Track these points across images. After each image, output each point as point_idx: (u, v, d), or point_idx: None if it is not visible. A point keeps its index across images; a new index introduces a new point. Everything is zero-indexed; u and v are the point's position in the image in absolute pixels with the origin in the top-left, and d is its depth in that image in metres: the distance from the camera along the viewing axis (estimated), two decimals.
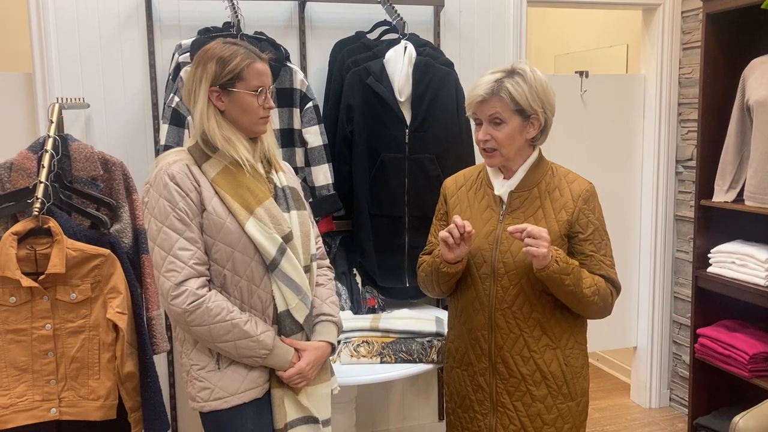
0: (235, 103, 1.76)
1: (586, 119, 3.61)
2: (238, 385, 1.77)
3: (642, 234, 3.77)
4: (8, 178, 2.32)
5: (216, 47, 1.77)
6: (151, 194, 1.73)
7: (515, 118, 1.82)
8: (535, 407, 1.89)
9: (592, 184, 1.93)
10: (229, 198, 1.74)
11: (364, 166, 2.76)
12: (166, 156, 1.79)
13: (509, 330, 1.87)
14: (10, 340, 2.12)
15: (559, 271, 1.75)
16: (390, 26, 2.95)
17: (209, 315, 1.69)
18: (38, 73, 2.73)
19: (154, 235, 1.72)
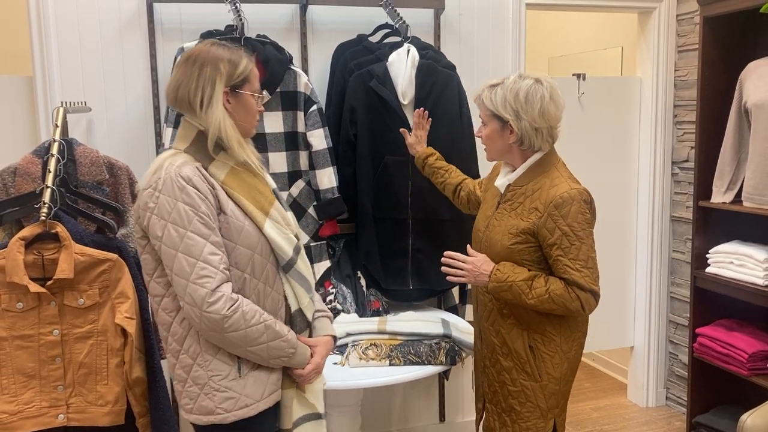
0: (242, 105, 1.76)
1: (584, 121, 3.64)
2: (263, 390, 1.76)
3: (639, 234, 3.81)
4: (12, 182, 2.30)
5: (218, 49, 1.74)
6: (163, 199, 1.64)
7: (493, 122, 2.07)
8: (503, 376, 2.11)
9: (576, 190, 1.98)
10: (244, 200, 1.72)
11: (368, 169, 2.76)
12: (167, 158, 1.71)
13: (485, 303, 2.14)
14: (17, 346, 2.11)
15: (495, 289, 2.00)
16: (392, 29, 2.95)
17: (245, 319, 1.65)
18: (39, 76, 2.71)
19: (176, 242, 1.63)
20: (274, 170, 2.67)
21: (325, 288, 2.75)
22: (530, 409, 2.06)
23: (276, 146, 2.66)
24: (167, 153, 1.74)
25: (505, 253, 2.03)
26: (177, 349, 1.73)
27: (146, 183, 1.70)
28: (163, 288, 1.72)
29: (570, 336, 2.08)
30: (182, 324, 1.71)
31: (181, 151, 1.73)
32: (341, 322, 2.56)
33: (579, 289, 1.96)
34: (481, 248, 2.12)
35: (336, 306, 2.67)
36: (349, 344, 2.42)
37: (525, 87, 2.00)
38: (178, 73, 1.73)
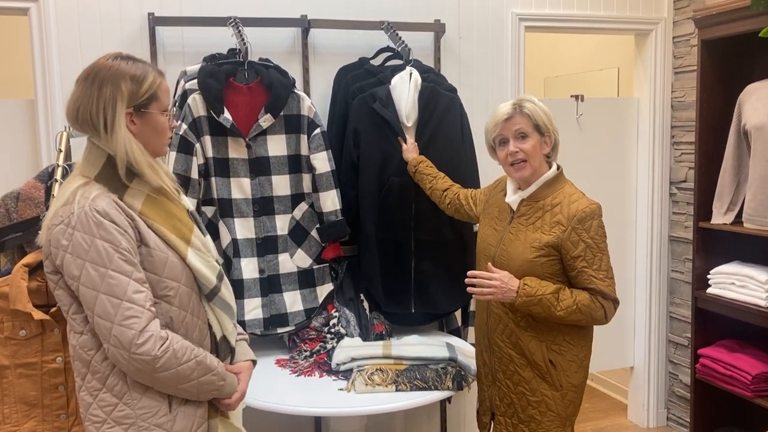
0: (149, 126, 1.62)
1: (582, 142, 3.66)
2: (191, 424, 1.67)
3: (637, 254, 3.82)
4: (15, 208, 2.28)
5: (120, 64, 1.59)
6: (78, 236, 1.50)
7: (535, 134, 2.14)
8: (522, 387, 2.14)
9: (595, 205, 2.12)
10: (165, 230, 1.61)
11: (371, 191, 2.76)
12: (78, 189, 1.55)
13: (500, 316, 2.17)
14: (19, 374, 2.07)
15: (525, 304, 2.03)
16: (393, 52, 2.97)
17: (176, 357, 1.54)
18: (40, 99, 2.70)
19: (97, 283, 1.49)
20: (277, 193, 2.66)
21: (328, 311, 2.73)
22: (551, 418, 2.11)
23: (279, 169, 2.66)
24: (77, 182, 1.58)
25: (526, 267, 2.08)
26: (97, 387, 1.59)
27: (55, 216, 1.55)
28: (80, 325, 1.59)
29: (585, 345, 2.17)
30: (104, 363, 1.58)
31: (92, 180, 1.58)
32: (345, 347, 2.54)
33: (603, 298, 2.07)
34: (496, 263, 2.15)
35: (339, 330, 2.65)
36: (354, 369, 2.40)
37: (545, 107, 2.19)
38: (77, 91, 1.58)
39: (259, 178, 2.63)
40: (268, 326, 2.64)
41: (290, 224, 2.70)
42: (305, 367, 2.52)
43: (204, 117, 2.56)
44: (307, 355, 2.59)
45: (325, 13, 2.99)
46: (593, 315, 2.05)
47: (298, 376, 2.48)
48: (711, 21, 3.00)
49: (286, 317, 2.67)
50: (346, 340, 2.61)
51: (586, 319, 2.06)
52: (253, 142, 2.61)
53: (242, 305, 2.60)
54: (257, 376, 2.44)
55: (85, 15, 2.74)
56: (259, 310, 2.63)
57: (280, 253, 2.69)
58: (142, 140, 1.61)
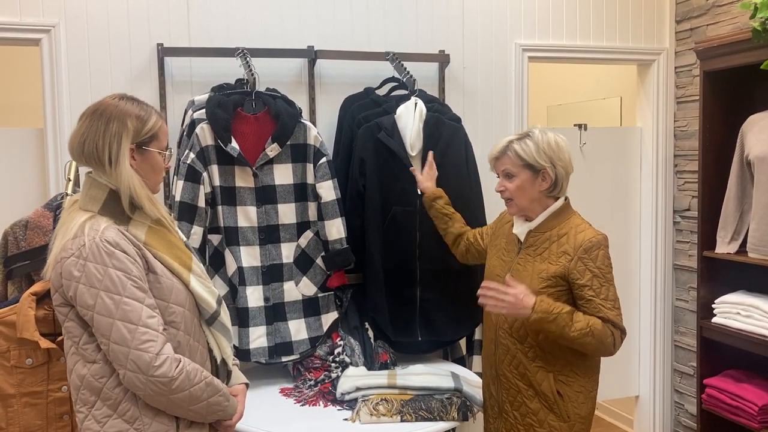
0: (147, 163, 1.72)
1: (586, 171, 3.68)
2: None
3: (642, 283, 3.82)
4: (23, 236, 2.30)
5: (126, 104, 1.70)
6: (91, 267, 1.57)
7: (525, 172, 2.15)
8: (530, 418, 2.14)
9: (601, 235, 2.14)
10: (168, 258, 1.69)
11: (376, 220, 2.78)
12: (86, 222, 1.63)
13: (508, 347, 2.17)
14: (25, 403, 2.08)
15: (540, 320, 2.02)
16: (399, 82, 3.00)
17: (189, 379, 1.62)
18: (50, 128, 2.73)
19: (112, 310, 1.56)
20: (283, 221, 2.68)
21: (332, 340, 2.73)
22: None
23: (285, 198, 2.68)
24: (82, 216, 1.65)
25: None
26: (107, 414, 1.64)
27: (64, 249, 1.61)
28: (91, 354, 1.63)
29: (592, 376, 2.17)
30: (116, 390, 1.63)
31: (96, 214, 1.65)
32: (350, 376, 2.54)
33: (613, 326, 2.06)
34: None
35: (344, 359, 2.65)
36: (359, 399, 2.39)
37: (554, 137, 2.18)
38: (83, 126, 1.67)
39: (265, 207, 2.65)
40: (272, 355, 2.64)
41: (296, 252, 2.71)
42: (310, 396, 2.52)
43: (212, 146, 2.58)
44: (312, 384, 2.59)
45: (332, 44, 3.03)
46: (604, 341, 2.04)
47: (303, 405, 2.47)
48: (713, 53, 3.04)
49: (290, 346, 2.67)
50: (351, 369, 2.60)
51: (596, 345, 2.04)
52: (260, 171, 2.63)
53: (247, 333, 2.61)
54: (262, 405, 2.45)
55: (95, 46, 2.78)
56: (264, 338, 2.63)
57: (286, 281, 2.70)
58: (140, 176, 1.72)
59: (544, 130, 2.21)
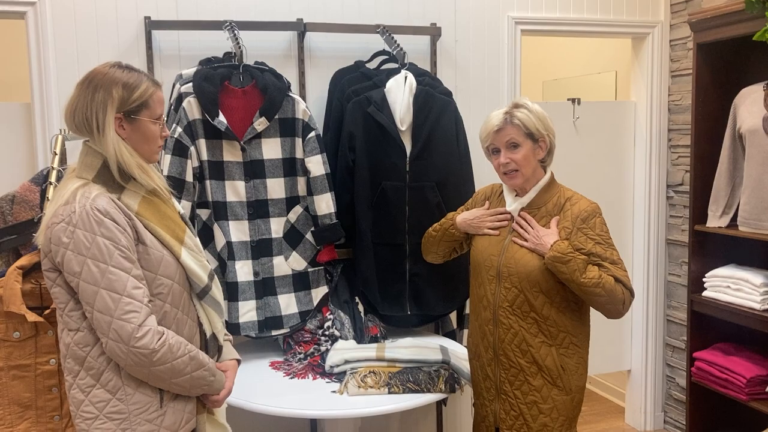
0: (139, 132, 1.69)
1: (579, 145, 3.66)
2: (180, 420, 1.73)
3: (635, 258, 3.82)
4: (10, 210, 2.30)
5: (116, 72, 1.67)
6: (79, 234, 1.56)
7: (528, 142, 2.13)
8: (533, 396, 2.12)
9: (594, 204, 2.16)
10: (160, 230, 1.68)
11: (365, 195, 2.77)
12: (78, 189, 1.62)
13: (509, 325, 2.13)
14: (13, 376, 2.09)
15: (554, 259, 2.02)
16: (389, 56, 2.98)
17: (171, 352, 1.61)
18: (37, 103, 2.71)
19: (97, 279, 1.56)
20: (271, 196, 2.68)
21: (322, 314, 2.74)
22: (562, 422, 2.12)
23: (274, 172, 2.67)
24: (75, 183, 1.64)
25: (537, 273, 2.07)
26: (90, 384, 1.64)
27: (55, 215, 1.60)
28: (76, 322, 1.64)
29: (587, 346, 2.19)
30: (99, 359, 1.63)
31: (90, 182, 1.65)
32: (339, 349, 2.55)
33: (624, 286, 2.06)
34: (501, 273, 2.13)
35: (334, 332, 2.66)
36: (347, 372, 2.41)
37: (540, 108, 2.17)
38: (75, 95, 1.67)
39: (253, 181, 2.65)
40: (262, 329, 2.65)
41: (285, 227, 2.71)
42: (299, 369, 2.53)
43: (199, 120, 2.57)
44: (301, 357, 2.60)
45: (321, 16, 3.01)
46: (614, 297, 2.03)
47: (292, 378, 2.49)
48: (706, 24, 3.01)
49: (280, 320, 2.68)
50: (340, 342, 2.62)
51: (606, 300, 2.03)
52: (248, 146, 2.62)
53: (237, 308, 2.61)
54: (252, 379, 2.46)
55: (82, 18, 2.75)
56: (254, 312, 2.64)
57: (275, 256, 2.70)
58: (132, 145, 1.69)
59: (532, 102, 2.19)
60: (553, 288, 2.09)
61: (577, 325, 2.14)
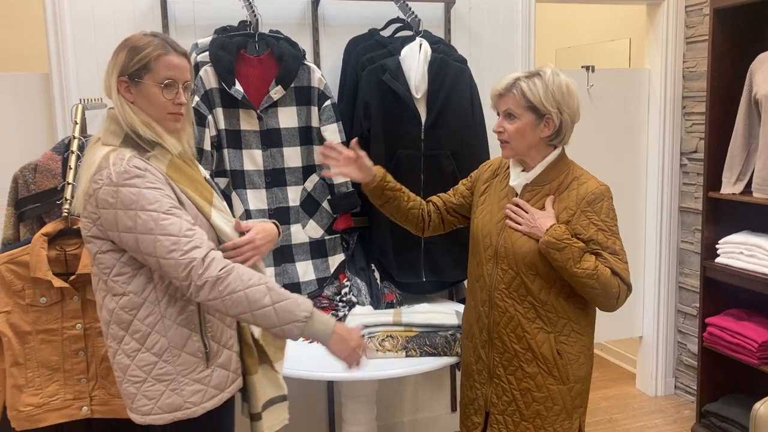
0: (142, 95, 1.68)
1: (593, 113, 3.66)
2: (226, 380, 1.78)
3: (647, 225, 3.83)
4: (33, 179, 2.33)
5: (134, 37, 1.70)
6: (124, 191, 1.58)
7: (527, 115, 1.96)
8: (527, 383, 2.02)
9: (605, 186, 2.00)
10: (190, 191, 1.71)
11: (381, 163, 2.77)
12: (110, 154, 1.63)
13: (505, 309, 2.02)
14: (41, 340, 2.15)
15: (548, 244, 1.90)
16: (403, 23, 2.97)
17: (241, 279, 1.59)
18: (55, 73, 2.73)
19: (151, 227, 1.57)
20: (288, 165, 2.70)
21: (339, 280, 2.78)
22: (557, 412, 2.02)
23: (290, 141, 2.69)
24: (105, 149, 1.65)
25: (533, 256, 1.96)
26: (135, 348, 1.67)
27: (93, 181, 1.62)
28: (121, 287, 1.66)
29: (591, 333, 2.08)
30: (146, 320, 1.66)
31: (118, 147, 1.66)
32: (357, 314, 2.59)
33: (620, 280, 1.94)
34: (498, 253, 2.03)
35: (351, 298, 2.70)
36: (365, 336, 2.45)
37: (565, 80, 1.97)
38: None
39: (270, 150, 2.67)
40: None
41: (302, 195, 2.74)
42: None
43: (216, 89, 2.59)
44: None
45: None
46: (608, 291, 1.92)
47: (311, 342, 2.53)
48: None
49: (298, 286, 2.73)
50: (358, 308, 2.66)
51: (599, 293, 1.92)
52: (265, 114, 2.64)
53: None
54: None
55: None
56: (273, 279, 2.69)
57: (292, 224, 2.74)
58: (141, 109, 1.68)
59: (557, 72, 1.98)
60: (551, 272, 1.96)
61: (580, 311, 2.02)
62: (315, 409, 3.25)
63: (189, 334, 1.70)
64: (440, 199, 2.31)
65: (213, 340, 1.75)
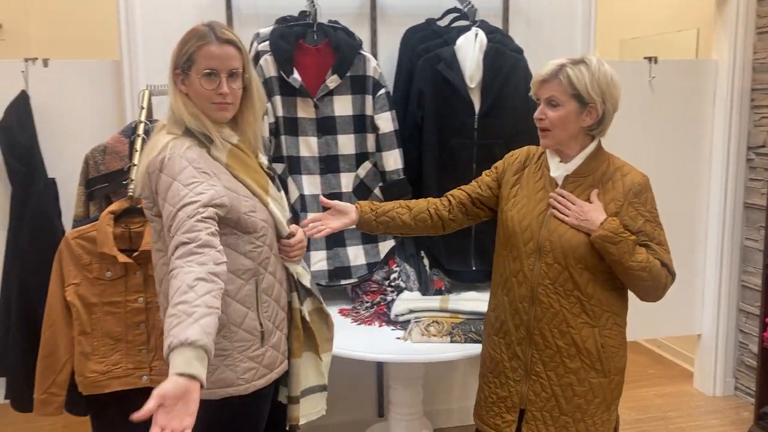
0: (191, 88, 1.73)
1: (654, 106, 3.58)
2: (275, 361, 1.85)
3: (710, 221, 3.74)
4: (102, 160, 2.48)
5: (191, 30, 1.75)
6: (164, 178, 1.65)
7: (572, 103, 1.90)
8: (568, 378, 1.98)
9: (645, 176, 1.97)
10: (249, 181, 1.78)
11: (433, 151, 2.82)
12: (168, 143, 1.70)
13: (549, 304, 1.96)
14: (106, 311, 2.29)
15: (604, 238, 1.86)
16: (460, 13, 2.99)
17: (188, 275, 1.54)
18: (125, 60, 2.88)
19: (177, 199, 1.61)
20: (342, 152, 2.77)
21: (389, 266, 2.84)
22: (597, 405, 2.00)
23: (345, 129, 2.76)
24: (168, 137, 1.72)
25: (583, 249, 1.91)
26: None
27: (150, 164, 1.69)
28: None
29: (626, 322, 2.06)
30: None
31: (180, 136, 1.72)
32: (405, 299, 2.65)
33: (668, 271, 1.94)
34: (542, 247, 1.96)
35: (400, 284, 2.76)
36: (411, 320, 2.50)
37: (610, 71, 1.93)
38: None
39: (325, 137, 2.74)
40: (332, 278, 2.78)
41: (354, 182, 2.80)
42: (366, 316, 2.65)
43: (275, 77, 2.67)
44: (368, 305, 2.72)
45: None
46: (658, 283, 1.91)
47: (359, 324, 2.61)
48: None
49: (349, 270, 2.80)
50: (406, 293, 2.71)
51: (650, 284, 1.90)
52: (321, 102, 2.71)
53: (308, 257, 2.74)
54: None
55: None
56: (324, 262, 2.77)
57: None
58: (192, 100, 1.75)
59: (602, 61, 1.93)
60: (598, 265, 1.93)
61: (621, 303, 2.01)
62: (365, 391, 3.33)
63: (246, 312, 1.76)
64: (463, 191, 2.23)
65: (268, 320, 1.82)
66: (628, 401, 3.73)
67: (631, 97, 3.50)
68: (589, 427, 1.99)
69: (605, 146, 2.03)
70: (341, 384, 3.22)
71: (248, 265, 1.75)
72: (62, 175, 2.78)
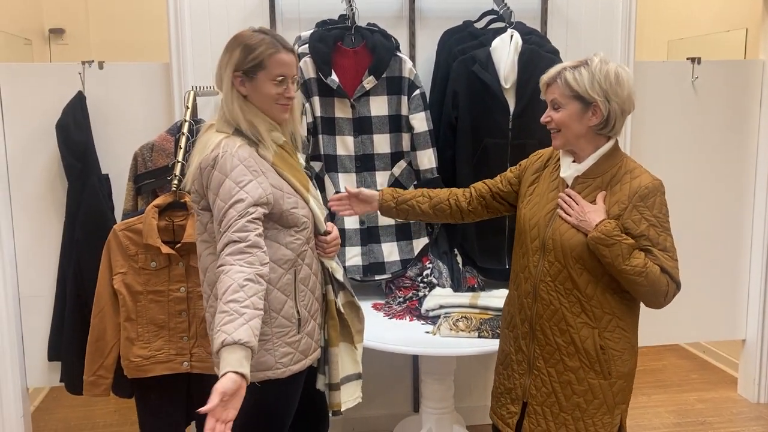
0: (256, 90, 1.86)
1: (697, 107, 3.53)
2: (310, 348, 1.95)
3: (755, 224, 3.66)
4: (150, 157, 2.62)
5: (245, 34, 1.87)
6: (217, 176, 1.78)
7: (573, 104, 1.92)
8: (567, 376, 1.99)
9: (657, 180, 1.95)
10: (292, 179, 1.90)
11: (467, 151, 2.87)
12: (220, 141, 1.82)
13: (550, 302, 1.98)
14: (150, 299, 2.42)
15: (597, 240, 1.86)
16: (497, 15, 3.03)
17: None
18: (174, 62, 3.02)
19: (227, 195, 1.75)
20: (378, 151, 2.85)
21: (422, 263, 2.90)
22: (597, 406, 2.00)
23: (381, 128, 2.84)
24: (220, 136, 1.84)
25: (581, 250, 1.92)
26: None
27: (204, 160, 1.81)
28: None
29: (635, 329, 2.04)
30: None
31: (231, 135, 1.85)
32: (435, 295, 2.71)
33: (669, 278, 1.90)
34: (546, 245, 1.99)
35: (432, 280, 2.82)
36: (441, 315, 2.56)
37: (614, 69, 1.92)
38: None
39: (361, 137, 2.83)
40: (366, 273, 2.86)
41: (389, 180, 2.88)
42: (398, 311, 2.72)
43: (314, 79, 2.77)
44: (401, 300, 2.79)
45: None
46: (656, 289, 1.88)
47: (391, 318, 2.68)
48: None
49: (383, 266, 2.87)
50: (437, 289, 2.77)
51: (647, 290, 1.89)
52: (357, 103, 2.80)
53: (344, 252, 2.83)
54: None
55: None
56: (359, 257, 2.85)
57: None
58: (254, 103, 1.88)
59: (606, 60, 1.94)
60: (598, 267, 1.92)
61: (626, 307, 1.98)
62: (401, 384, 3.40)
63: (285, 299, 1.88)
64: (486, 185, 2.30)
65: (304, 308, 1.93)
66: (668, 405, 3.69)
67: (672, 98, 3.48)
68: (588, 428, 1.99)
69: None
70: (380, 378, 3.31)
71: (289, 255, 1.88)
72: (115, 171, 2.94)
